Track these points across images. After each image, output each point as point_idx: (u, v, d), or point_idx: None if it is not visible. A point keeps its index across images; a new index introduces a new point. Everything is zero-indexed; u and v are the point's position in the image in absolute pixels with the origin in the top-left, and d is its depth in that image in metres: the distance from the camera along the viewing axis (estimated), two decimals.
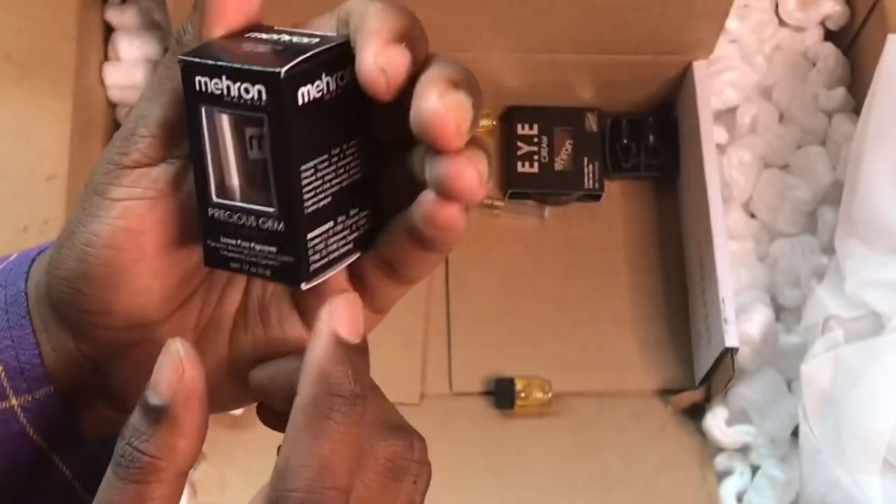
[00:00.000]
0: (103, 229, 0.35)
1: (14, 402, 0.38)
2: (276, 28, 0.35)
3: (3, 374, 0.38)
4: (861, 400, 0.72)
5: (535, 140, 0.91)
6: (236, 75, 0.32)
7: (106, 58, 0.92)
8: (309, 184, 0.33)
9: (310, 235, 0.34)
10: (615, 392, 0.87)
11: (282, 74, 0.32)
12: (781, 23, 0.95)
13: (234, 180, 0.34)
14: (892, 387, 0.71)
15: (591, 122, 0.92)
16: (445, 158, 0.32)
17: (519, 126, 0.92)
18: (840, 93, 0.90)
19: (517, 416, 0.86)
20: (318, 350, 0.33)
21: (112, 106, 0.92)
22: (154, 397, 0.33)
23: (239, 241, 0.34)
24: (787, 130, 0.91)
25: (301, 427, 0.32)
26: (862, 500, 0.70)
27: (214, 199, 0.34)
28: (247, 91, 0.32)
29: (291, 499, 0.32)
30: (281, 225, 0.34)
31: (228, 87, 0.32)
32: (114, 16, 0.91)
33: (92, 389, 0.39)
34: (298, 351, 0.35)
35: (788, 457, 0.83)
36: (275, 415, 0.38)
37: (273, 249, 0.34)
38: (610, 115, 0.93)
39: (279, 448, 0.34)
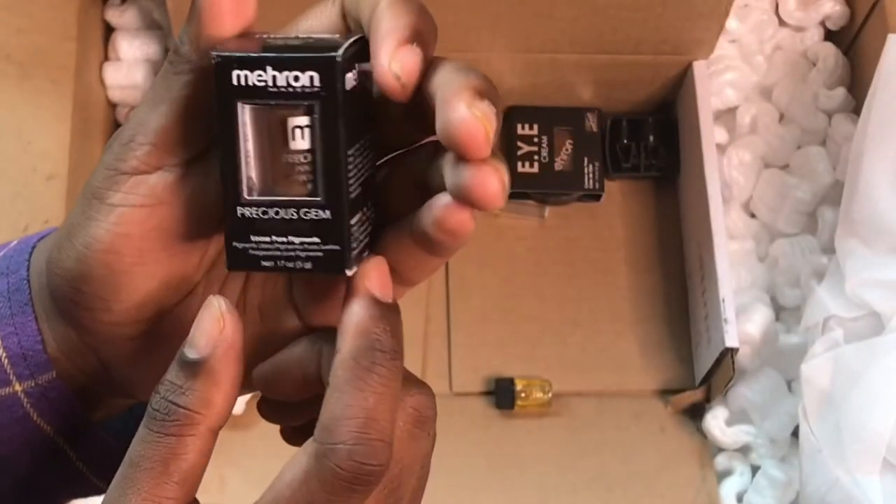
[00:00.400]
0: (102, 234, 0.36)
1: (17, 387, 0.39)
2: (269, 34, 0.35)
3: (6, 360, 0.39)
4: (861, 400, 0.72)
5: (535, 140, 0.91)
6: (284, 64, 0.32)
7: (106, 58, 0.92)
8: (350, 170, 0.34)
9: (352, 221, 0.34)
10: (615, 392, 0.87)
11: (338, 57, 0.32)
12: (781, 23, 0.95)
13: (273, 174, 0.34)
14: (892, 387, 0.71)
15: (591, 122, 0.92)
16: (471, 166, 0.32)
17: (519, 126, 0.92)
18: (840, 93, 0.90)
19: (517, 416, 0.86)
20: (357, 309, 0.34)
21: (112, 106, 0.92)
22: (192, 351, 0.34)
23: (273, 237, 0.34)
24: (787, 130, 0.91)
25: (344, 381, 0.33)
26: (862, 500, 0.70)
27: (246, 196, 0.34)
28: (296, 79, 0.32)
29: (339, 451, 0.33)
30: (327, 212, 0.34)
31: (274, 77, 0.32)
32: (114, 16, 0.91)
33: (97, 380, 0.40)
34: (295, 340, 0.37)
35: (788, 457, 0.83)
36: (276, 407, 0.39)
37: (316, 240, 0.34)
38: (610, 115, 0.93)
39: (280, 434, 0.35)
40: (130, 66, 0.90)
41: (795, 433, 0.82)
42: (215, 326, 0.34)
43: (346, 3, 0.35)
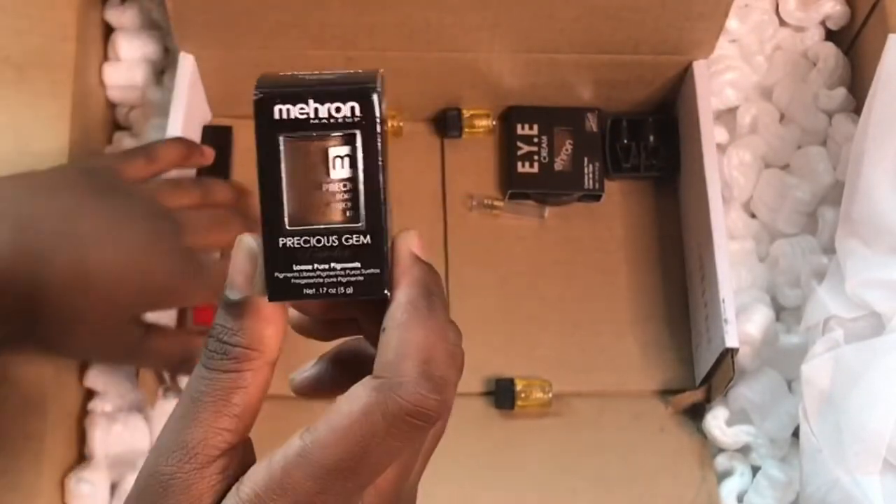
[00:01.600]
0: None
1: None
2: (295, 73, 0.36)
3: None
4: (861, 400, 0.72)
5: (535, 140, 0.91)
6: (325, 97, 0.34)
7: (106, 58, 0.92)
8: (387, 195, 0.36)
9: (388, 245, 0.36)
10: (615, 392, 0.87)
11: (377, 88, 0.34)
12: (781, 23, 0.95)
13: (313, 203, 0.35)
14: (892, 387, 0.71)
15: (591, 122, 0.92)
16: None
17: (519, 126, 0.92)
18: (840, 93, 0.90)
19: (517, 417, 0.85)
20: (409, 264, 0.37)
21: (112, 106, 0.92)
22: (233, 292, 0.36)
23: (315, 265, 0.35)
24: (787, 130, 0.91)
25: (406, 322, 0.36)
26: (862, 500, 0.70)
27: (288, 227, 0.35)
28: (338, 110, 0.34)
29: (405, 385, 0.35)
30: (368, 238, 0.35)
31: (316, 110, 0.34)
32: (114, 16, 0.91)
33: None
34: None
35: (788, 457, 0.83)
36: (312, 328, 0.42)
37: (357, 265, 0.36)
38: (610, 115, 0.93)
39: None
40: (130, 66, 0.90)
41: (796, 433, 0.82)
42: (250, 265, 0.36)
43: None
